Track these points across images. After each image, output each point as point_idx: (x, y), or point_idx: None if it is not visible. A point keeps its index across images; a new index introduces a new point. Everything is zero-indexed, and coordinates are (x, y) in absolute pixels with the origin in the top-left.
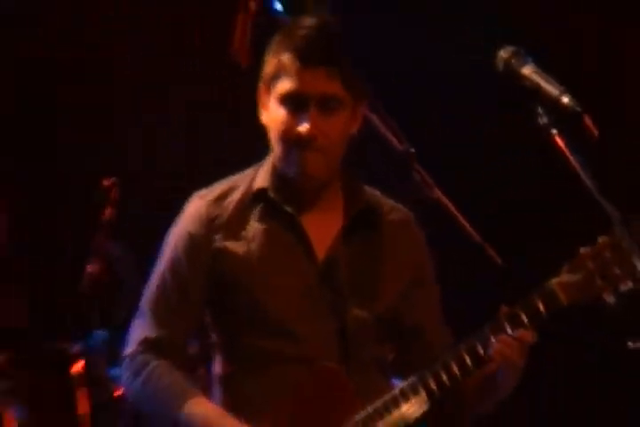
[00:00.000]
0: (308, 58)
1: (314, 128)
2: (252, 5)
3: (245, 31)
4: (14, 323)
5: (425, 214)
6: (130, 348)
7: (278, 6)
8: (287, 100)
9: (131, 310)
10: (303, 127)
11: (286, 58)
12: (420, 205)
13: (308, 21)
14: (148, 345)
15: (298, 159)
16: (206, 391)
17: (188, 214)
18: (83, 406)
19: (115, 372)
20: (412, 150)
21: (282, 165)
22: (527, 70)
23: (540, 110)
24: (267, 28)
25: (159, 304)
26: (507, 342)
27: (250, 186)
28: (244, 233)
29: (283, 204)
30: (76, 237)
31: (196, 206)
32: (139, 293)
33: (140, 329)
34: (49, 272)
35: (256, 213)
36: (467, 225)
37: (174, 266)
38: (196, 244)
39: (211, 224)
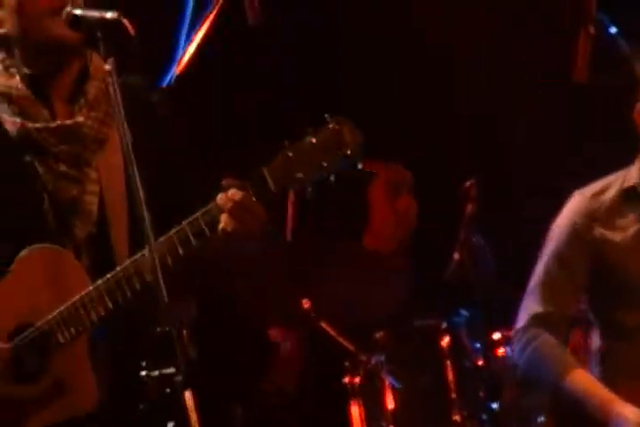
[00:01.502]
0: None
1: None
2: (592, 29)
3: (586, 52)
4: (396, 307)
5: None
6: (521, 322)
7: (614, 30)
8: None
9: (487, 293)
10: None
11: None
12: None
13: None
14: (537, 320)
15: None
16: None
17: (571, 208)
18: (449, 374)
19: (475, 344)
20: None
21: None
22: None
23: None
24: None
25: (546, 286)
26: None
27: (622, 183)
28: (619, 223)
29: None
30: (445, 230)
31: (577, 201)
32: (494, 278)
33: (530, 307)
34: (422, 260)
35: (629, 206)
36: None
37: (559, 252)
38: (579, 232)
39: (591, 216)
